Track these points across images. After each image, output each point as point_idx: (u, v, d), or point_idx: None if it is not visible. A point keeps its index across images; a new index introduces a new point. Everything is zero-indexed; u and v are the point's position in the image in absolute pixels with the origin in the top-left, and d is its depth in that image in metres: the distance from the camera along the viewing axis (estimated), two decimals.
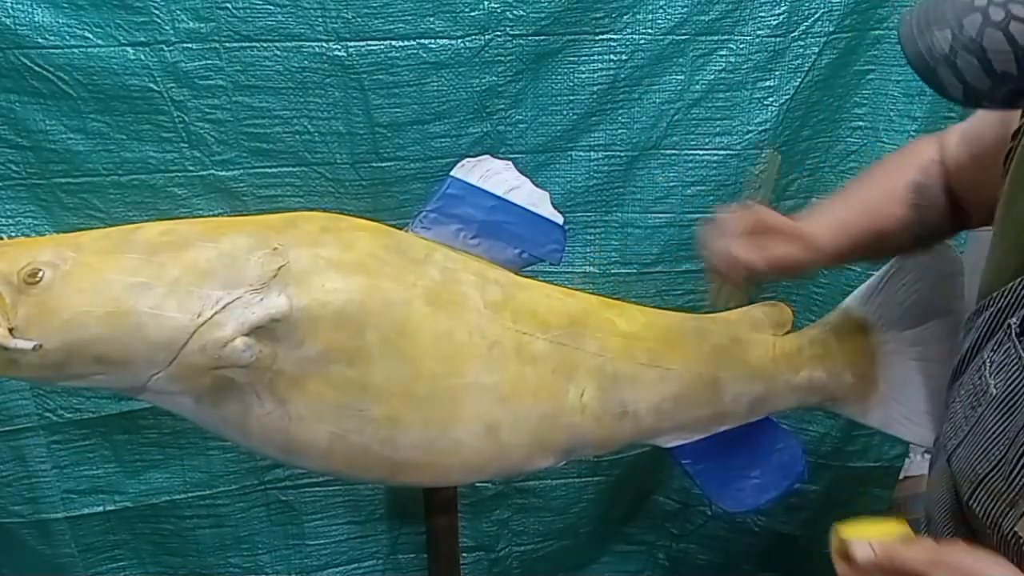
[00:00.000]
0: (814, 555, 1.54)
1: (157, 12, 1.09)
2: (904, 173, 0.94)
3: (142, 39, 1.09)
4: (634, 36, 1.22)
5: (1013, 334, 0.74)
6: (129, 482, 1.32)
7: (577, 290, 1.09)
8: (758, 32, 1.23)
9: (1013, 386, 0.73)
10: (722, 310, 0.94)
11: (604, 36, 1.21)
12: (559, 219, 1.03)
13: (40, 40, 1.07)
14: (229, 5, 1.10)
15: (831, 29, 1.24)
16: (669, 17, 1.21)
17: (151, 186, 1.17)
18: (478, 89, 1.20)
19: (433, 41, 1.16)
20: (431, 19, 1.15)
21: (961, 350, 0.83)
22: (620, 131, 1.26)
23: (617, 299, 1.12)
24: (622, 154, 1.28)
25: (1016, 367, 0.73)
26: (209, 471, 1.34)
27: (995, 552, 0.69)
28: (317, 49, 1.14)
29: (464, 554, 1.39)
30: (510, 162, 1.03)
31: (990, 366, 0.76)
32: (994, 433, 0.74)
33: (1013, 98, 0.58)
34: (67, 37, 1.07)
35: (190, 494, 1.35)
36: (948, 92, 0.57)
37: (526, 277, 1.04)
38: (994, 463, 0.73)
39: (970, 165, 0.88)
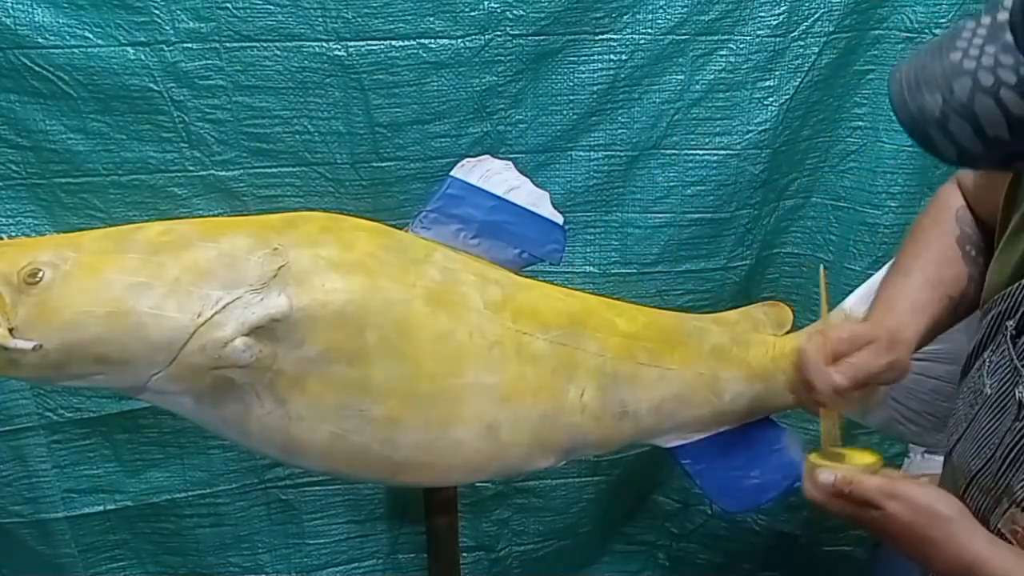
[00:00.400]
0: (814, 554, 1.55)
1: (157, 12, 1.09)
2: (946, 229, 0.91)
3: (142, 39, 1.09)
4: (634, 36, 1.22)
5: (1008, 336, 0.74)
6: (129, 481, 1.32)
7: (577, 290, 1.09)
8: (758, 32, 1.23)
9: (1004, 387, 0.74)
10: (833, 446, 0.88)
11: (604, 36, 1.21)
12: (559, 219, 1.03)
13: (40, 40, 1.07)
14: (229, 5, 1.10)
15: (831, 29, 1.24)
16: (669, 17, 1.21)
17: (151, 186, 1.17)
18: (478, 89, 1.20)
19: (433, 41, 1.16)
20: (431, 19, 1.15)
21: (969, 350, 0.83)
22: (620, 131, 1.26)
23: (617, 299, 1.12)
24: (622, 154, 1.28)
25: (1008, 369, 0.74)
26: (209, 470, 1.34)
27: (947, 492, 0.71)
28: (317, 49, 1.14)
29: (464, 554, 1.39)
30: (510, 162, 1.03)
31: (988, 366, 0.77)
32: (986, 432, 0.75)
33: (1008, 161, 0.57)
34: (67, 37, 1.07)
35: (190, 493, 1.35)
36: (941, 154, 0.57)
37: (526, 277, 1.04)
38: (984, 460, 0.75)
39: (989, 191, 0.86)
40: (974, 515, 0.75)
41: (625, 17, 1.21)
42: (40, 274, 0.83)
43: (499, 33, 1.18)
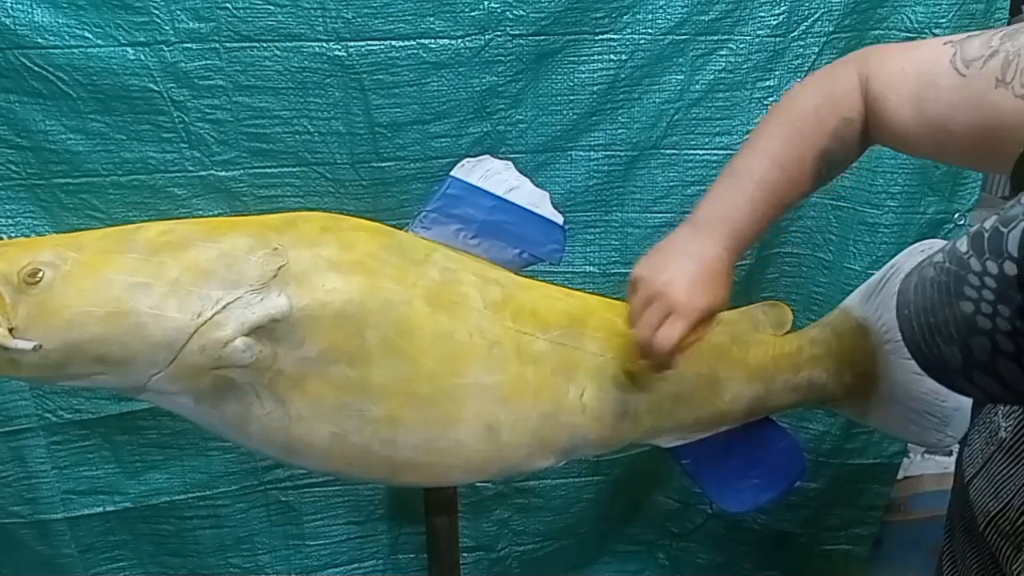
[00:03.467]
0: (814, 553, 1.55)
1: (157, 12, 1.09)
2: (813, 141, 0.84)
3: (142, 39, 1.09)
4: (634, 36, 1.22)
5: None
6: (129, 483, 1.32)
7: (577, 290, 1.09)
8: (758, 32, 1.23)
9: (1019, 435, 0.73)
10: None
11: (604, 36, 1.21)
12: (559, 219, 1.03)
13: (40, 40, 1.07)
14: (229, 5, 1.10)
15: (831, 29, 1.24)
16: (669, 17, 1.21)
17: (151, 186, 1.17)
18: (478, 89, 1.20)
19: (433, 41, 1.16)
20: (431, 19, 1.15)
21: None
22: (620, 131, 1.26)
23: (617, 299, 1.12)
24: (622, 154, 1.28)
25: (1021, 417, 0.73)
26: (209, 471, 1.34)
27: None
28: (317, 49, 1.14)
29: (464, 554, 1.39)
30: (510, 162, 1.03)
31: (1003, 406, 0.76)
32: (1004, 476, 0.74)
33: None
34: (67, 37, 1.07)
35: (190, 495, 1.35)
36: (968, 395, 0.53)
37: (526, 277, 1.04)
38: (1002, 505, 0.74)
39: (924, 138, 0.78)
40: (992, 556, 0.75)
41: (625, 17, 1.21)
42: (40, 274, 0.83)
43: (499, 33, 1.18)
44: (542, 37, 1.19)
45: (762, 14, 1.23)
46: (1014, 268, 0.46)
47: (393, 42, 1.15)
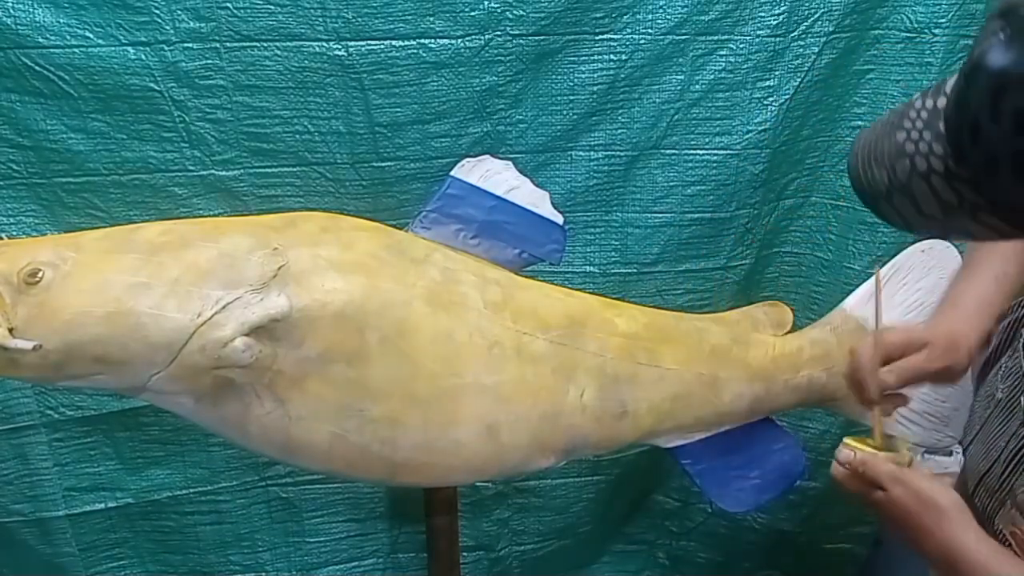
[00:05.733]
0: (814, 552, 1.55)
1: (158, 12, 1.09)
2: None
3: (143, 39, 1.09)
4: (634, 36, 1.22)
5: (1022, 344, 0.76)
6: (130, 479, 1.33)
7: (577, 290, 1.09)
8: (758, 32, 1.23)
9: (1014, 392, 0.76)
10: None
11: (604, 36, 1.21)
12: (559, 219, 1.04)
13: (41, 40, 1.07)
14: (229, 5, 1.10)
15: (831, 29, 1.24)
16: (669, 17, 1.21)
17: (151, 186, 1.17)
18: (478, 89, 1.20)
19: (433, 41, 1.16)
20: (431, 19, 1.15)
21: (987, 352, 0.84)
22: (620, 131, 1.26)
23: (617, 299, 1.12)
24: (622, 154, 1.28)
25: (1018, 375, 0.75)
26: (210, 467, 1.34)
27: (951, 489, 0.73)
28: (317, 49, 1.14)
29: (464, 554, 1.39)
30: (510, 162, 1.03)
31: (1003, 371, 0.79)
32: (995, 435, 0.77)
33: (945, 235, 0.60)
34: (68, 37, 1.07)
35: (191, 490, 1.35)
36: (889, 222, 0.60)
37: (526, 277, 1.04)
38: (991, 463, 0.77)
39: None
40: (980, 516, 0.77)
41: (625, 17, 1.21)
42: (40, 274, 0.83)
43: (499, 33, 1.18)
44: (542, 37, 1.19)
45: (762, 14, 1.22)
46: (943, 101, 0.53)
47: (393, 42, 1.15)
